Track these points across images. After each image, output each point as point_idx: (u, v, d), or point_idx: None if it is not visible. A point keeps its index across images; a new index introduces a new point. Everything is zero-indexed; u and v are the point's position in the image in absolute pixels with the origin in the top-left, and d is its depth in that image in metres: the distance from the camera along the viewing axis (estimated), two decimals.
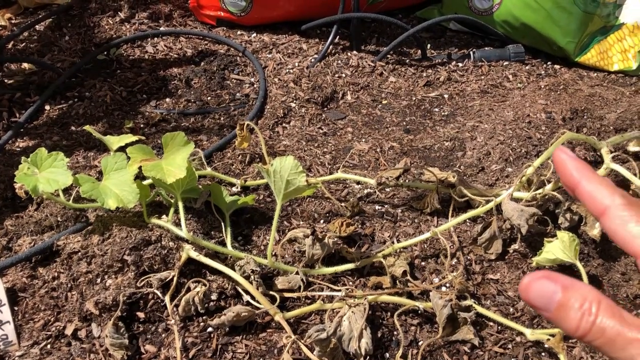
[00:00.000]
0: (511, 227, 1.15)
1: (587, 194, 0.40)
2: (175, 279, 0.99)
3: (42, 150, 1.06)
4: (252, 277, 0.99)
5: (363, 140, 1.47)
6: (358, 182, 1.31)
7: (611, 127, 1.39)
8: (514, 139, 1.40)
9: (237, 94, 1.65)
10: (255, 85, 1.69)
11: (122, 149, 1.13)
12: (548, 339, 0.90)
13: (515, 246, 1.13)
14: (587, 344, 0.35)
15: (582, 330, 0.35)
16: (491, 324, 1.01)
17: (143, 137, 1.24)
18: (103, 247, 1.02)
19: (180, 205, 1.04)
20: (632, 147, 1.27)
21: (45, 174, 1.04)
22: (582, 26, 1.73)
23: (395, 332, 0.99)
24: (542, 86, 1.65)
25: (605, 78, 1.76)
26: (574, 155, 0.43)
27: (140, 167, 1.05)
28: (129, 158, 1.07)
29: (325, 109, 1.60)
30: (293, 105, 1.59)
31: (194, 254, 1.01)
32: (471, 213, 1.09)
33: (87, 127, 1.20)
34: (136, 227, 1.05)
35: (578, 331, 0.35)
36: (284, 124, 1.53)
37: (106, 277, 1.00)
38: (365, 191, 1.30)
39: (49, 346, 0.94)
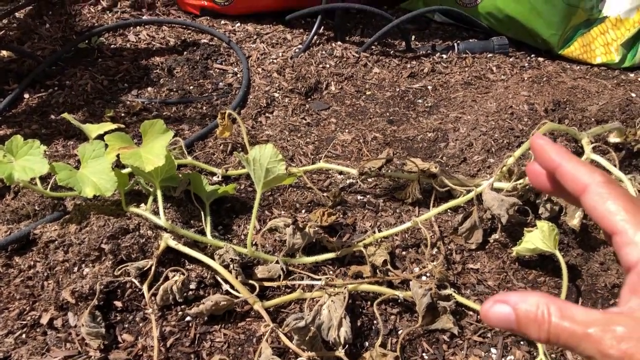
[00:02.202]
0: (492, 217, 1.15)
1: (568, 174, 0.42)
2: (153, 267, 0.98)
3: (18, 138, 1.04)
4: (232, 266, 0.98)
5: (346, 130, 1.47)
6: (340, 172, 1.31)
7: (592, 119, 1.40)
8: (497, 130, 1.40)
9: (220, 84, 1.64)
10: (238, 75, 1.67)
11: (101, 137, 1.11)
12: None
13: (496, 236, 1.13)
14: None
15: (543, 337, 0.37)
16: (471, 313, 1.02)
17: (122, 125, 1.22)
18: (80, 236, 1.01)
19: (159, 193, 1.03)
20: (613, 139, 1.27)
21: (21, 161, 1.02)
22: (566, 19, 1.74)
23: (374, 321, 0.99)
24: (525, 78, 1.66)
25: (588, 71, 1.77)
26: (551, 140, 0.44)
27: (118, 155, 1.04)
28: (107, 146, 1.06)
29: (309, 99, 1.60)
30: (276, 95, 1.58)
31: (173, 243, 1.00)
32: (452, 203, 1.09)
33: (66, 115, 1.18)
34: (114, 215, 1.04)
35: (541, 339, 0.37)
36: (267, 114, 1.52)
37: (83, 265, 0.99)
38: (348, 181, 1.29)
39: (24, 335, 0.93)
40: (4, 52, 1.70)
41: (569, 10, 1.73)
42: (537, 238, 1.03)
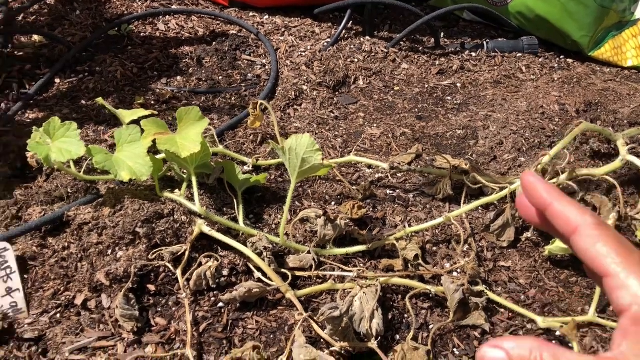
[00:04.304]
0: None
1: (559, 214, 0.42)
2: (187, 253, 0.98)
3: (55, 120, 1.05)
4: (265, 254, 0.98)
5: (375, 125, 1.46)
6: (369, 166, 1.31)
7: (625, 121, 1.39)
8: (527, 129, 1.40)
9: (249, 75, 1.64)
10: (266, 67, 1.67)
11: (133, 123, 1.12)
12: (561, 326, 0.90)
13: (528, 234, 1.12)
14: None
15: None
16: (502, 310, 1.01)
17: (156, 112, 1.22)
18: (115, 219, 1.01)
19: (194, 180, 1.03)
20: None
21: (58, 143, 1.03)
22: (598, 20, 1.72)
23: (405, 315, 0.99)
24: (556, 79, 1.64)
25: (619, 73, 1.75)
26: (543, 179, 0.44)
27: (153, 141, 1.04)
28: (142, 131, 1.06)
29: (337, 93, 1.59)
30: (305, 88, 1.58)
31: (207, 229, 1.00)
32: (485, 200, 1.09)
33: (99, 100, 1.19)
34: (148, 200, 1.04)
35: None
36: (295, 106, 1.52)
37: (117, 248, 0.99)
38: (377, 176, 1.29)
39: (58, 315, 0.94)
40: (36, 37, 1.71)
41: (602, 12, 1.71)
42: None
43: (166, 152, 1.05)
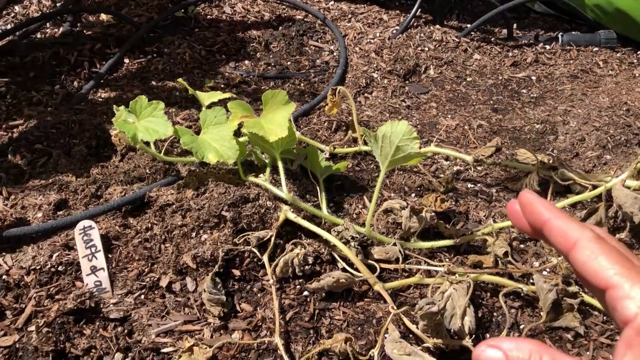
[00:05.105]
0: (614, 216, 1.09)
1: (558, 229, 0.41)
2: (272, 239, 0.96)
3: (143, 98, 1.03)
4: (352, 243, 0.96)
5: (449, 116, 1.42)
6: (447, 158, 1.27)
7: None
8: (611, 126, 1.34)
9: (317, 61, 1.61)
10: (334, 53, 1.64)
11: (211, 105, 1.10)
12: None
13: (621, 235, 1.07)
14: None
15: None
16: (596, 313, 0.97)
17: (234, 95, 1.20)
18: (199, 202, 1.00)
19: (280, 165, 1.01)
20: None
21: (144, 122, 1.02)
22: None
23: (494, 313, 0.95)
24: (637, 75, 1.57)
25: None
26: (540, 197, 0.44)
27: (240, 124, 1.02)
28: (228, 113, 1.04)
29: (407, 81, 1.55)
30: (375, 75, 1.54)
31: (292, 216, 0.98)
32: (578, 197, 1.04)
33: (180, 80, 1.18)
34: (233, 184, 1.02)
35: None
36: (365, 94, 1.48)
37: (201, 231, 0.98)
38: (455, 168, 1.25)
39: (142, 296, 0.93)
40: (103, 17, 1.71)
41: None
42: None
43: (251, 136, 1.03)
